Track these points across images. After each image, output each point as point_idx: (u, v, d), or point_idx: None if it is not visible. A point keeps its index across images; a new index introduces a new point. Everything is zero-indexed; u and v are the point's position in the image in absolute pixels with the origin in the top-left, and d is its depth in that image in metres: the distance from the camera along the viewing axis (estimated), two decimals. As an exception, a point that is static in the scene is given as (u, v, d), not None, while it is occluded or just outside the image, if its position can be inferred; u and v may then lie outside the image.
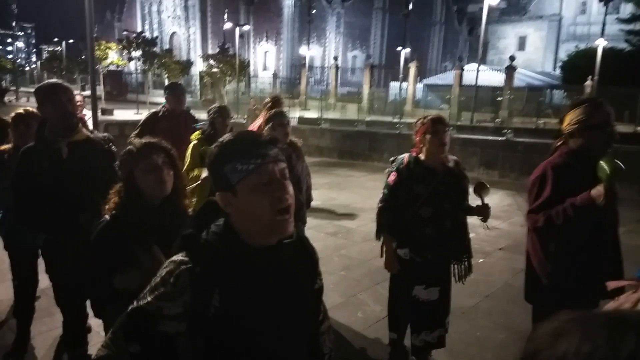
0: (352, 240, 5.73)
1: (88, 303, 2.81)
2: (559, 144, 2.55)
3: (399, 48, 32.56)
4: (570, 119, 2.44)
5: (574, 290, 2.39)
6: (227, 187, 1.19)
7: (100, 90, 16.14)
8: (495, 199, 8.42)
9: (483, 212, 2.90)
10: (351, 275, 4.70)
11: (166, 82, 37.76)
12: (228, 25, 37.33)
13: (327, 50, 48.47)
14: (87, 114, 6.60)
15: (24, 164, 2.59)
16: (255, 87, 34.78)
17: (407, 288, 3.06)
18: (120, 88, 36.12)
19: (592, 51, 29.11)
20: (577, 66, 29.63)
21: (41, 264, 3.10)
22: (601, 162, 2.14)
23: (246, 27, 40.57)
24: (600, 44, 23.29)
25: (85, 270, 1.94)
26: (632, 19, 29.83)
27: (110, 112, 21.04)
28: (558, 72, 41.03)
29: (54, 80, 2.73)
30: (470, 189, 3.03)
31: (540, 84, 33.04)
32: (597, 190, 2.14)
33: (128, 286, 1.71)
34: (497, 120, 17.68)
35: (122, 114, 20.67)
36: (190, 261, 1.19)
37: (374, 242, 5.84)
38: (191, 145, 4.01)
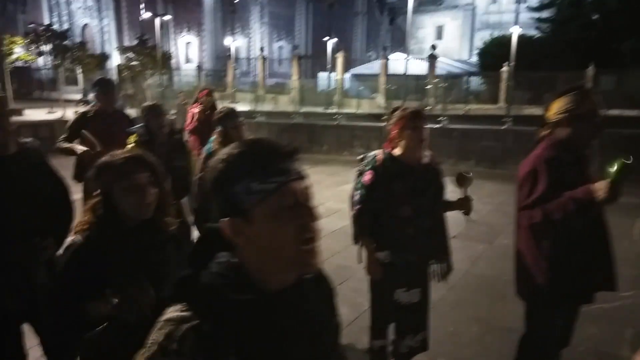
0: (308, 239, 5.51)
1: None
2: (544, 133, 2.46)
3: (326, 38, 32.56)
4: (557, 107, 2.36)
5: (569, 287, 2.32)
6: (238, 213, 0.94)
7: (9, 89, 14.63)
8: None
9: (465, 205, 2.78)
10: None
11: (80, 77, 35.45)
12: (147, 15, 35.43)
13: (252, 40, 47.55)
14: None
15: None
16: (179, 80, 33.37)
17: (388, 292, 2.89)
18: (29, 86, 33.25)
19: (505, 38, 30.60)
20: (492, 53, 31.09)
21: None
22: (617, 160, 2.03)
23: (166, 17, 38.69)
24: (515, 31, 24.45)
25: (46, 298, 1.60)
26: (541, 7, 31.67)
27: (20, 113, 19.22)
28: (474, 59, 43.11)
29: None
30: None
31: (459, 72, 34.46)
32: (600, 185, 2.05)
33: (103, 313, 1.51)
34: (427, 107, 18.12)
35: (34, 114, 18.97)
36: (194, 316, 0.90)
37: (329, 239, 5.71)
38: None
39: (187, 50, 47.39)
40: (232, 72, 33.61)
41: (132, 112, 7.77)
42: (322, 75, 34.41)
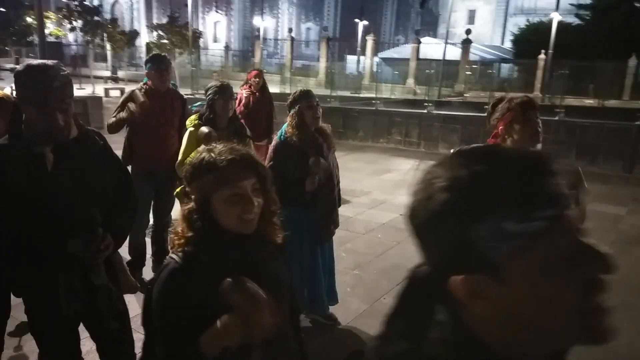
0: (355, 232, 5.25)
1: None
2: None
3: (357, 20, 31.94)
4: None
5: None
6: (480, 267, 0.62)
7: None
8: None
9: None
10: (366, 275, 4.23)
11: (109, 54, 35.51)
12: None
13: (280, 21, 47.02)
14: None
15: None
16: (206, 60, 33.19)
17: None
18: (61, 61, 33.44)
19: (543, 25, 29.60)
20: (528, 40, 30.06)
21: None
22: None
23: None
24: (555, 17, 23.57)
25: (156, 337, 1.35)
26: (583, -8, 30.44)
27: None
28: (507, 45, 41.84)
29: (38, 61, 1.92)
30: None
31: (493, 58, 33.52)
32: None
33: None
34: (465, 95, 17.61)
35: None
36: None
37: (378, 233, 5.47)
38: (187, 132, 3.37)
39: (215, 30, 47.13)
40: (260, 52, 33.33)
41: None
42: (351, 59, 33.88)
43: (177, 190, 3.56)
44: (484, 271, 0.62)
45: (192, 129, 3.34)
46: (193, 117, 3.43)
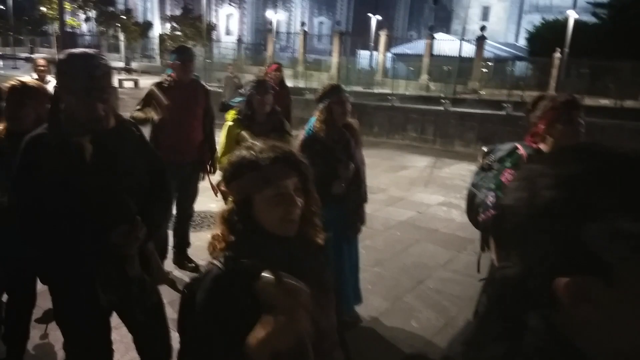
0: (373, 229, 5.22)
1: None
2: None
3: (370, 14, 31.74)
4: None
5: None
6: (590, 268, 0.59)
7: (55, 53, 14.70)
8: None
9: None
10: (387, 273, 4.20)
11: (122, 45, 35.64)
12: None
13: (293, 15, 46.88)
14: (52, 80, 5.71)
15: (28, 161, 1.85)
16: (218, 53, 33.17)
17: None
18: (73, 51, 33.54)
19: (559, 23, 29.23)
20: (543, 38, 29.74)
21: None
22: None
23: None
24: (572, 15, 23.30)
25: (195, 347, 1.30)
26: (600, -9, 29.99)
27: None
28: (521, 43, 41.43)
29: (81, 50, 1.87)
30: None
31: (507, 55, 33.21)
32: None
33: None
34: (481, 92, 17.41)
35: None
36: None
37: (397, 231, 5.43)
38: (226, 126, 3.43)
39: (227, 22, 47.10)
40: (272, 46, 33.22)
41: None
42: (364, 54, 33.69)
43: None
44: (594, 273, 0.58)
45: (231, 123, 3.40)
46: (233, 111, 3.50)
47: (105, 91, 1.83)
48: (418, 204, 6.22)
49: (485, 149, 2.59)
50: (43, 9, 30.24)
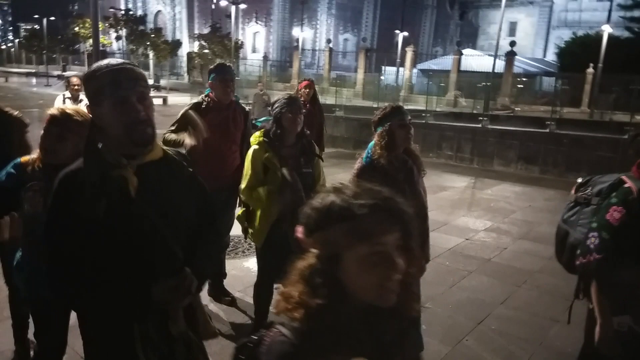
0: (418, 257, 4.88)
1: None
2: None
3: (397, 31, 31.61)
4: None
5: None
6: None
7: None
8: (543, 196, 7.67)
9: None
10: (441, 311, 3.83)
11: (151, 63, 36.22)
12: (223, 3, 35.47)
13: (319, 32, 47.12)
14: (85, 100, 5.57)
15: (63, 199, 1.55)
16: (244, 70, 33.39)
17: None
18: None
19: (589, 38, 28.57)
20: (574, 53, 29.08)
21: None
22: None
23: (242, 6, 38.50)
24: (606, 30, 22.68)
25: None
26: (634, 5, 29.26)
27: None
28: (549, 58, 40.66)
29: (117, 61, 1.58)
30: None
31: (536, 71, 32.60)
32: None
33: None
34: (516, 109, 16.94)
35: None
36: None
37: (446, 260, 5.05)
38: (251, 151, 3.02)
39: (254, 40, 47.61)
40: (297, 63, 33.33)
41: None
42: (389, 70, 33.50)
43: (239, 213, 3.26)
44: None
45: (256, 146, 2.99)
46: (257, 133, 3.06)
47: (141, 87, 1.56)
48: (464, 230, 5.84)
49: (580, 180, 2.25)
50: (76, 28, 31.02)
